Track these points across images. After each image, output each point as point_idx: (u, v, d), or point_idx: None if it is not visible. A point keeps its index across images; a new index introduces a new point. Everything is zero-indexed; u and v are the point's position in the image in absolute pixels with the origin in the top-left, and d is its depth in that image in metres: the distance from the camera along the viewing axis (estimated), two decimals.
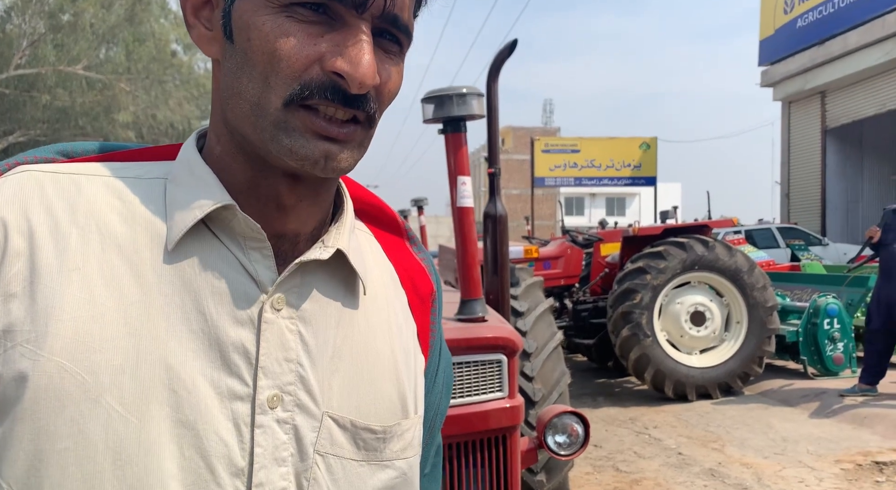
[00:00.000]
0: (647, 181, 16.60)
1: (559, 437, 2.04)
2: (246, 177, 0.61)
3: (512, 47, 2.50)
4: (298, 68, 0.55)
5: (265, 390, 0.57)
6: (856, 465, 4.34)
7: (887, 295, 5.62)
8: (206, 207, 0.58)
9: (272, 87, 0.56)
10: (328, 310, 0.63)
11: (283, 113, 0.56)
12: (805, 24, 17.60)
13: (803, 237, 14.39)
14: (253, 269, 0.59)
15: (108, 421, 0.53)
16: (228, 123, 0.60)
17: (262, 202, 0.61)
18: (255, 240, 0.60)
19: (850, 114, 17.21)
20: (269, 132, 0.57)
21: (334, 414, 0.61)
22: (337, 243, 0.63)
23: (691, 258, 6.05)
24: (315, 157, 0.57)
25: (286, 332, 0.59)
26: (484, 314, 1.90)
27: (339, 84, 0.56)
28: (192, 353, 0.56)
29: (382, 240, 0.73)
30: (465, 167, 1.87)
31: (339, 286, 0.64)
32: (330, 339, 0.62)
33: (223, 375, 0.57)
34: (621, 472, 4.40)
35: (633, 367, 6.10)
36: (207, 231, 0.59)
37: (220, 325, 0.57)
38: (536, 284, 3.55)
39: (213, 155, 0.62)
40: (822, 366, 6.52)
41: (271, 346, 0.58)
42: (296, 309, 0.60)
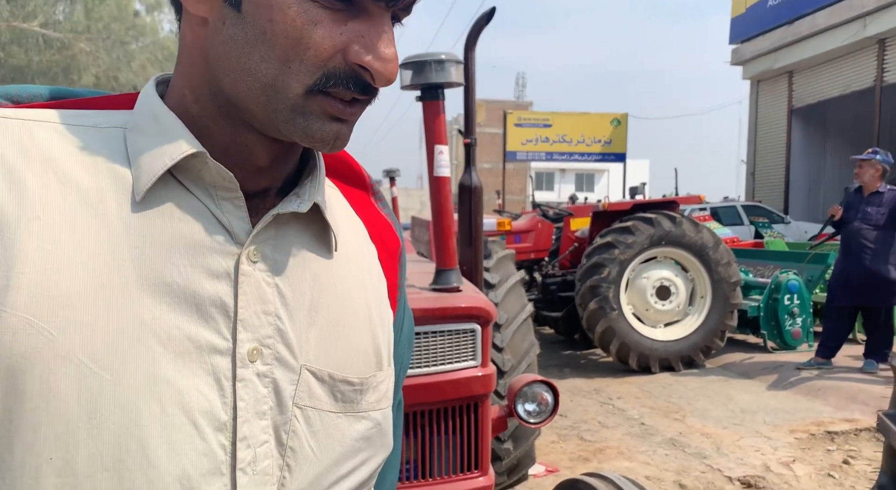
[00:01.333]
0: (617, 157, 16.72)
1: (529, 406, 2.08)
2: (223, 139, 0.59)
3: (490, 15, 2.46)
4: (325, 58, 0.54)
5: (245, 343, 0.56)
6: (809, 435, 4.51)
7: (848, 272, 5.80)
8: (177, 155, 0.56)
9: (294, 72, 0.54)
10: (303, 263, 0.62)
11: (302, 98, 0.55)
12: (776, 3, 17.75)
13: (767, 215, 14.73)
14: (226, 220, 0.58)
15: (81, 378, 0.50)
16: (222, 92, 0.57)
17: (236, 162, 0.59)
18: (226, 189, 0.58)
19: (815, 94, 17.51)
20: (284, 114, 0.55)
21: (312, 366, 0.61)
22: (313, 197, 0.62)
23: (658, 234, 6.14)
24: (329, 138, 0.57)
25: (263, 284, 0.58)
26: (459, 284, 1.90)
27: (363, 76, 0.55)
28: (167, 307, 0.54)
29: (349, 195, 0.72)
30: (442, 136, 1.85)
31: (313, 240, 0.64)
32: (306, 292, 0.61)
33: (201, 329, 0.55)
34: (586, 441, 4.51)
35: (599, 340, 6.21)
36: (175, 181, 0.57)
37: (195, 277, 0.55)
38: (508, 257, 3.57)
39: (186, 113, 0.59)
40: (781, 340, 6.73)
41: (249, 298, 0.57)
42: (272, 261, 0.59)
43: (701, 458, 4.14)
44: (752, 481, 3.73)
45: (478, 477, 1.88)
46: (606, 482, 1.89)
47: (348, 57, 0.54)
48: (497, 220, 6.73)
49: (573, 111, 17.38)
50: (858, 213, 5.73)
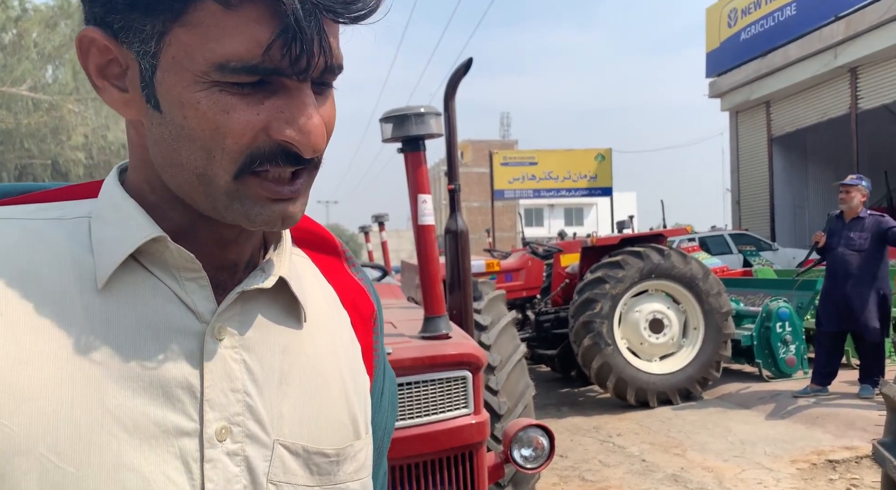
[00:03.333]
0: (604, 191, 16.93)
1: (525, 451, 2.06)
2: (184, 222, 0.60)
3: (467, 66, 2.53)
4: (246, 143, 0.54)
5: (212, 423, 0.56)
6: (811, 465, 4.47)
7: (835, 297, 5.84)
8: (136, 241, 0.57)
9: (219, 161, 0.54)
10: (272, 336, 0.62)
11: (234, 184, 0.55)
12: (748, 36, 18.25)
13: (754, 243, 14.84)
14: (190, 301, 0.58)
15: (43, 473, 0.50)
16: (166, 184, 0.58)
17: (200, 241, 0.60)
18: (189, 270, 0.58)
19: (793, 122, 17.87)
20: (221, 201, 0.56)
21: (285, 441, 0.60)
22: (279, 271, 0.63)
23: (648, 267, 6.17)
24: (273, 220, 0.57)
25: (230, 361, 0.58)
26: (448, 331, 1.91)
27: (290, 149, 0.55)
28: (132, 393, 0.54)
29: (320, 263, 0.72)
30: (425, 185, 1.89)
31: (282, 312, 0.64)
32: (276, 366, 0.61)
33: (168, 412, 0.55)
34: (587, 482, 4.44)
35: (595, 376, 6.17)
36: (139, 266, 0.58)
37: (161, 360, 0.56)
38: (499, 298, 3.58)
39: (145, 201, 0.60)
40: (776, 368, 6.71)
41: (216, 377, 0.57)
42: (238, 337, 0.59)
43: None
44: None
45: None
46: None
47: (272, 134, 0.54)
48: (486, 261, 6.76)
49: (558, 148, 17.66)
50: (842, 239, 5.80)
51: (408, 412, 1.75)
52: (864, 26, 14.48)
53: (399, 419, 1.75)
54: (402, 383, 1.75)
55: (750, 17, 18.11)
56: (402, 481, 1.77)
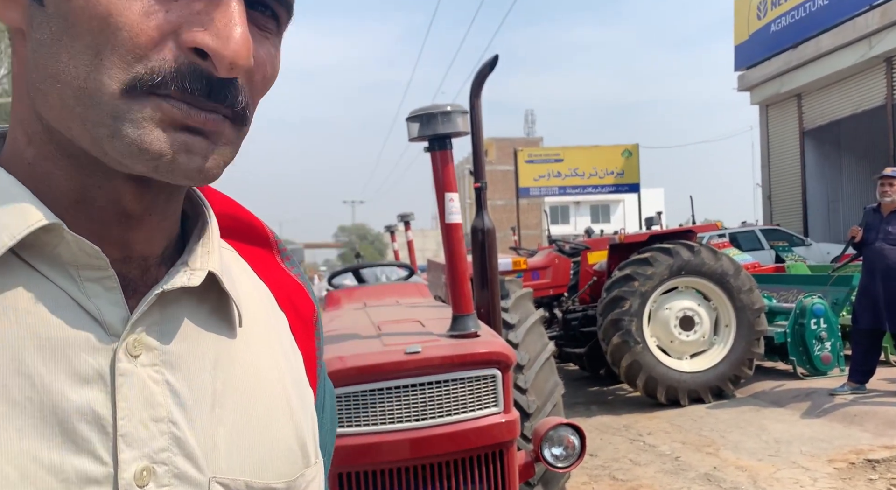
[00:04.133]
0: (631, 188, 16.75)
1: (556, 450, 2.05)
2: (73, 186, 0.46)
3: (493, 64, 2.52)
4: (145, 44, 0.42)
5: (130, 465, 0.44)
6: (849, 464, 4.36)
7: (873, 293, 5.69)
8: (19, 231, 0.43)
9: (106, 66, 0.41)
10: (201, 348, 0.50)
11: (123, 102, 0.42)
12: (778, 28, 17.93)
13: (787, 238, 14.56)
14: (93, 308, 0.45)
15: None
16: (42, 118, 0.45)
17: (97, 218, 0.47)
18: (92, 268, 0.45)
19: (826, 115, 17.50)
20: (104, 127, 0.42)
21: (223, 478, 0.49)
22: (206, 265, 0.51)
23: (678, 263, 6.09)
24: (172, 152, 0.43)
25: (150, 383, 0.46)
26: (476, 329, 1.90)
27: (202, 67, 0.43)
28: (18, 434, 0.41)
29: (249, 256, 0.60)
30: (452, 183, 1.88)
31: (210, 317, 0.52)
32: (207, 384, 0.50)
33: (67, 455, 0.43)
34: (618, 481, 4.40)
35: (624, 374, 6.11)
36: (20, 262, 0.44)
37: (56, 387, 0.43)
38: (526, 296, 3.56)
39: (21, 162, 0.47)
40: (811, 366, 6.58)
41: (132, 405, 0.45)
42: (159, 352, 0.47)
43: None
44: None
45: None
46: None
47: (181, 41, 0.42)
48: (513, 259, 6.73)
49: (584, 145, 17.53)
50: (880, 234, 5.66)
51: (437, 411, 1.75)
52: None
53: (429, 418, 1.75)
54: (431, 382, 1.75)
55: (780, 9, 17.77)
56: (433, 480, 1.76)
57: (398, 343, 1.85)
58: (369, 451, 1.70)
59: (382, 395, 1.74)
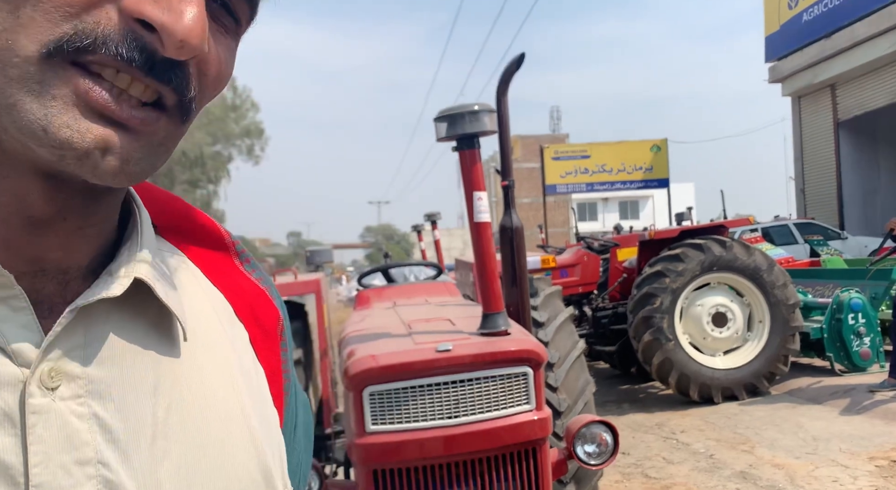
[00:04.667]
0: (660, 183, 16.54)
1: (588, 447, 2.04)
2: None
3: (520, 61, 2.52)
4: (77, 3, 0.35)
5: None
6: (891, 462, 4.27)
7: None
8: None
9: (24, 23, 0.35)
10: (137, 371, 0.43)
11: (38, 67, 0.35)
12: (811, 17, 17.59)
13: (821, 232, 14.26)
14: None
15: None
16: None
17: (5, 223, 0.40)
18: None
19: (861, 105, 17.12)
20: (7, 95, 0.35)
21: None
22: (133, 271, 0.43)
23: (709, 259, 6.02)
24: (85, 145, 0.36)
25: (72, 419, 0.39)
26: (507, 327, 1.91)
27: (146, 40, 0.37)
28: None
29: (202, 261, 0.53)
30: (480, 182, 1.89)
31: (148, 334, 0.45)
32: (147, 413, 0.42)
33: None
34: (651, 479, 4.37)
35: (656, 372, 6.06)
36: None
37: None
38: (555, 294, 3.55)
39: None
40: (850, 361, 6.44)
41: (49, 448, 0.38)
42: (83, 380, 0.40)
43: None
44: None
45: None
46: None
47: (124, 7, 0.36)
48: (541, 257, 6.71)
49: (611, 141, 17.36)
50: None
51: (469, 409, 1.76)
52: None
53: (461, 415, 1.76)
54: (462, 380, 1.76)
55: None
56: (466, 478, 1.78)
57: (429, 341, 1.86)
58: (402, 448, 1.72)
59: (415, 392, 1.75)
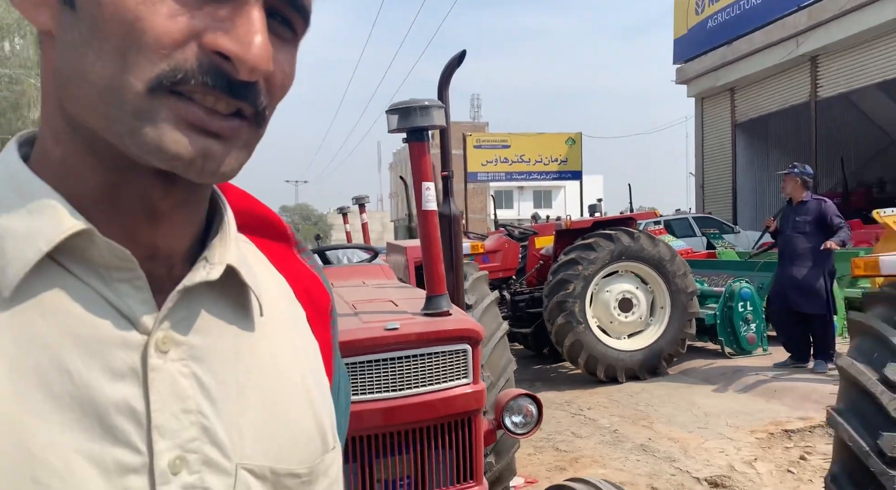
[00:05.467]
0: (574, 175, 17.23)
1: (515, 418, 2.24)
2: (101, 182, 0.48)
3: (461, 58, 2.67)
4: (169, 43, 0.44)
5: (164, 454, 0.47)
6: (768, 434, 4.77)
7: (783, 277, 6.27)
8: (54, 237, 0.46)
9: (131, 66, 0.43)
10: (224, 341, 0.53)
11: (146, 100, 0.44)
12: (715, 24, 18.61)
13: (717, 226, 15.30)
14: (124, 306, 0.48)
15: None
16: (70, 116, 0.47)
17: (125, 213, 0.49)
18: (122, 269, 0.48)
19: (756, 109, 18.35)
20: (127, 124, 0.44)
21: (249, 464, 0.52)
22: (224, 258, 0.53)
23: (619, 249, 6.40)
24: (190, 155, 0.45)
25: (179, 377, 0.49)
26: (449, 308, 2.07)
27: (223, 68, 0.45)
28: (60, 427, 0.44)
29: (268, 250, 0.62)
30: (428, 173, 2.03)
31: (231, 310, 0.54)
32: (231, 376, 0.52)
33: (106, 447, 0.45)
34: (561, 452, 4.68)
35: (567, 353, 6.40)
36: (55, 265, 0.47)
37: (94, 383, 0.45)
38: (482, 278, 3.75)
39: (50, 162, 0.49)
40: (738, 345, 7.04)
41: (164, 398, 0.48)
42: (186, 346, 0.50)
43: (670, 461, 4.35)
44: (719, 481, 3.96)
45: (473, 487, 2.03)
46: (589, 486, 2.06)
47: (204, 43, 0.44)
48: (471, 243, 6.92)
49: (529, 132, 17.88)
50: (789, 223, 6.22)
51: (413, 383, 1.92)
52: (826, 16, 14.91)
53: (405, 389, 1.91)
54: (409, 356, 1.91)
55: (717, 5, 18.45)
56: (408, 446, 1.93)
57: (376, 320, 2.00)
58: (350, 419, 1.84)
59: (362, 368, 1.88)
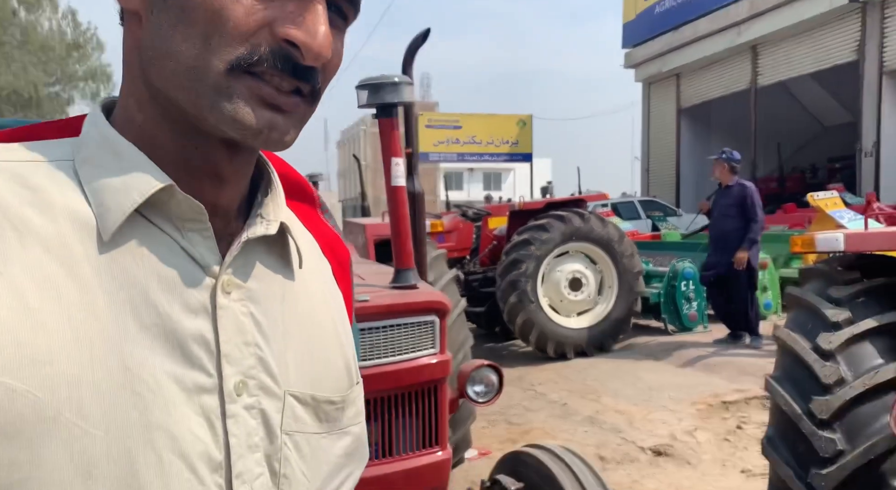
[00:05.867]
0: (524, 157, 17.41)
1: (477, 388, 2.33)
2: (176, 147, 0.56)
3: (425, 36, 2.70)
4: (247, 31, 0.52)
5: (231, 378, 0.55)
6: (708, 406, 5.04)
7: (711, 259, 6.67)
8: (146, 190, 0.53)
9: (214, 49, 0.52)
10: (272, 286, 0.61)
11: (225, 78, 0.52)
12: (662, 10, 18.99)
13: (661, 209, 15.78)
14: (196, 253, 0.56)
15: (70, 439, 0.47)
16: (152, 87, 0.55)
17: (196, 175, 0.57)
18: (194, 221, 0.56)
19: (700, 95, 18.89)
20: (208, 98, 0.52)
21: (294, 391, 0.60)
22: (279, 216, 0.61)
23: (570, 230, 6.56)
24: (259, 126, 0.53)
25: (240, 315, 0.57)
26: (416, 282, 2.13)
27: (291, 53, 0.53)
28: (150, 351, 0.52)
29: (297, 210, 0.70)
30: (397, 149, 2.07)
31: (278, 261, 0.63)
32: (278, 316, 0.61)
33: (186, 369, 0.53)
34: (513, 425, 4.83)
35: (519, 331, 6.55)
36: (139, 216, 0.54)
37: (174, 316, 0.54)
38: (441, 256, 3.82)
39: (132, 125, 0.57)
40: (680, 323, 7.36)
41: (229, 331, 0.56)
42: (244, 290, 0.58)
43: (616, 432, 4.56)
44: (662, 449, 4.17)
45: (437, 451, 2.11)
46: (545, 451, 2.17)
47: (275, 32, 0.52)
48: (431, 222, 6.97)
49: (481, 112, 17.96)
50: (718, 207, 6.61)
51: (383, 352, 1.97)
52: (766, 6, 15.43)
53: (375, 358, 1.97)
54: (378, 327, 1.96)
55: None
56: (377, 414, 1.99)
57: None
58: None
59: None
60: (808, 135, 21.13)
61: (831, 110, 19.90)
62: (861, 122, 14.05)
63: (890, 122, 13.63)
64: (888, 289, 2.35)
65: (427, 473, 2.05)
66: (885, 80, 13.57)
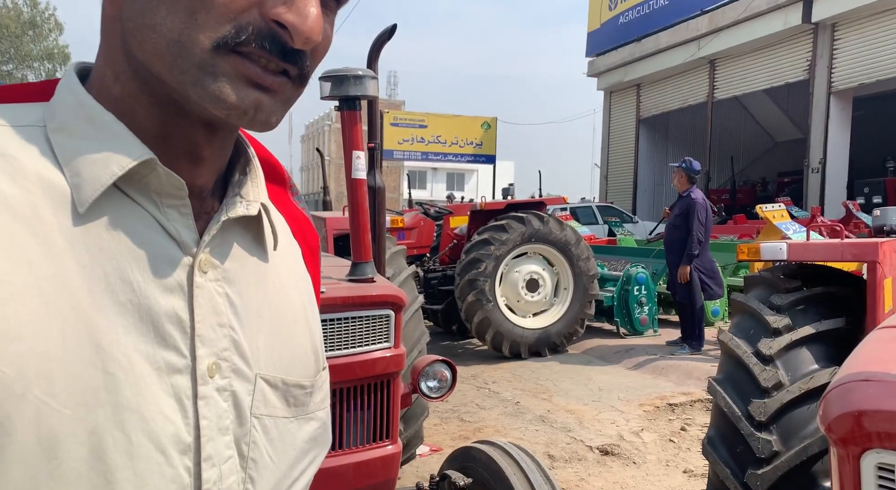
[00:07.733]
0: (487, 159, 17.53)
1: (430, 383, 2.35)
2: (154, 123, 0.54)
3: (391, 32, 2.71)
4: (236, 9, 0.49)
5: (204, 359, 0.54)
6: (654, 407, 5.18)
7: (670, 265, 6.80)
8: (126, 163, 0.51)
9: (200, 24, 0.49)
10: (247, 267, 0.60)
11: (210, 56, 0.50)
12: (626, 20, 19.37)
13: (618, 215, 16.10)
14: (173, 230, 0.54)
15: (39, 417, 0.46)
16: (133, 59, 0.52)
17: (173, 153, 0.55)
18: (173, 197, 0.54)
19: (659, 106, 19.33)
20: (191, 75, 0.50)
21: (265, 374, 0.60)
22: (259, 197, 0.60)
23: (529, 231, 6.64)
24: (245, 106, 0.51)
25: (215, 295, 0.56)
26: (373, 276, 2.13)
27: (280, 35, 0.51)
28: (123, 329, 0.50)
29: (270, 191, 0.67)
30: (359, 142, 2.07)
31: (253, 242, 0.61)
32: (252, 298, 0.59)
33: (158, 349, 0.52)
34: (465, 422, 4.87)
35: (475, 330, 6.59)
36: (115, 189, 0.52)
37: (149, 293, 0.52)
38: (400, 252, 3.83)
39: (109, 96, 0.54)
40: (631, 326, 7.53)
41: (204, 311, 0.55)
42: (220, 270, 0.57)
43: (566, 431, 4.64)
44: (609, 449, 4.27)
45: (388, 445, 2.12)
46: (495, 447, 2.20)
47: (265, 12, 0.50)
48: (391, 217, 6.95)
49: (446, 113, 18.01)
50: (671, 215, 6.75)
51: (338, 344, 1.97)
52: (725, 22, 15.88)
53: (329, 350, 1.97)
54: (333, 319, 1.96)
55: (629, 2, 19.20)
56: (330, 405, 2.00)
57: None
58: None
59: None
60: (761, 149, 21.85)
61: (783, 126, 20.63)
62: (809, 139, 14.59)
63: (836, 140, 14.20)
64: (827, 297, 2.45)
65: (376, 467, 2.06)
66: (832, 99, 14.13)
